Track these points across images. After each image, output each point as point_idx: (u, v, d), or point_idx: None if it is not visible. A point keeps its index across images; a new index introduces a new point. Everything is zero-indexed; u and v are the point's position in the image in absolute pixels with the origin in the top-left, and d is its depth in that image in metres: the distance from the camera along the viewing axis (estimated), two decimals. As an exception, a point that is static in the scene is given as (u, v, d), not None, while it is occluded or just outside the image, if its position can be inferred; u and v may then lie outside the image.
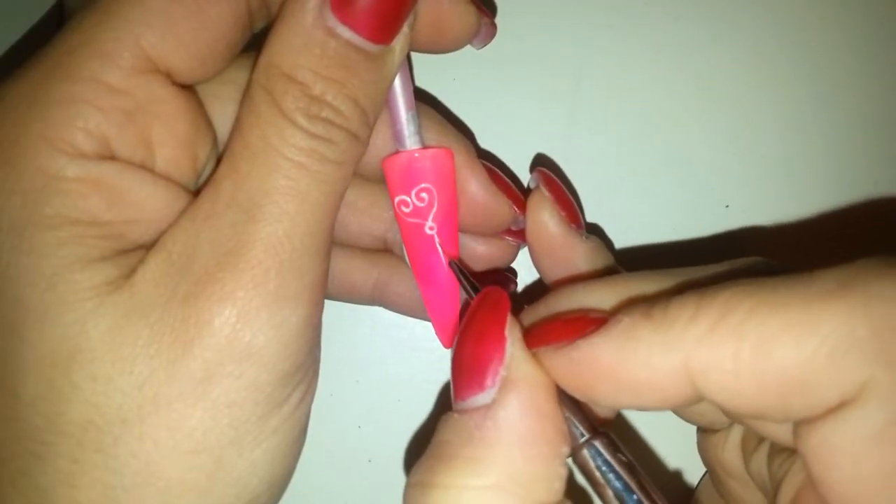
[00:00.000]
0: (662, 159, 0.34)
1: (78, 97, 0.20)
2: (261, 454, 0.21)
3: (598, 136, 0.34)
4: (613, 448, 0.20)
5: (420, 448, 0.34)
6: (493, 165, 0.28)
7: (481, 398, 0.19)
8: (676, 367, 0.18)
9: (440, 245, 0.26)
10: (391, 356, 0.35)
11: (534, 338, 0.21)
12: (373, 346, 0.35)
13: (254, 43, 0.22)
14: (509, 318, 0.20)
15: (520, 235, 0.29)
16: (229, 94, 0.23)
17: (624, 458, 0.20)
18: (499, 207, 0.27)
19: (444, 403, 0.35)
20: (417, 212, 0.25)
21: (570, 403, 0.21)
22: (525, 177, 0.34)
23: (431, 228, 0.26)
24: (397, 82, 0.24)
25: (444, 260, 0.26)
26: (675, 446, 0.34)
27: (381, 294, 0.29)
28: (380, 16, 0.20)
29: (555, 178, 0.27)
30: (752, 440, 0.23)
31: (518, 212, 0.28)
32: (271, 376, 0.21)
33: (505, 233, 0.29)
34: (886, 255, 0.18)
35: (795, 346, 0.16)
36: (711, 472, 0.26)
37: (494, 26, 0.26)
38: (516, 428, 0.19)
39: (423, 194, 0.25)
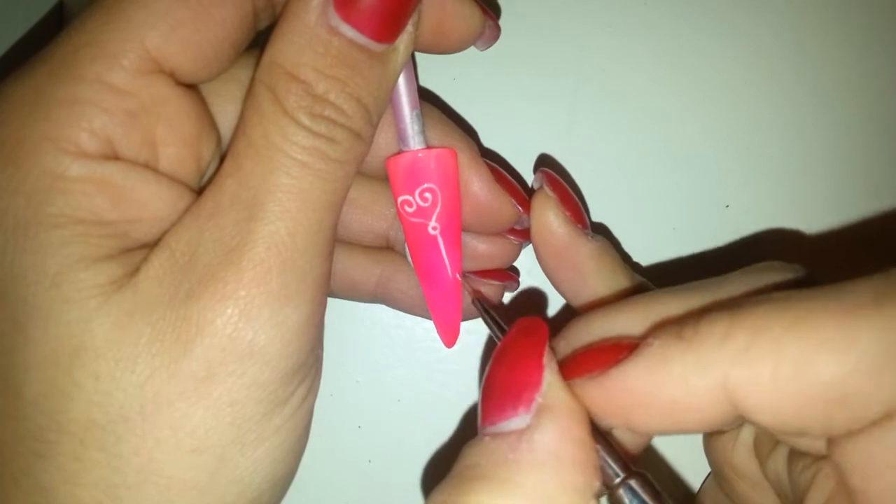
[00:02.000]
0: (662, 159, 0.34)
1: (82, 98, 0.20)
2: (263, 453, 0.21)
3: (598, 135, 0.34)
4: (650, 488, 0.20)
5: (418, 449, 0.34)
6: (496, 164, 0.28)
7: (515, 422, 0.19)
8: (713, 387, 0.18)
9: (443, 245, 0.26)
10: (391, 356, 0.35)
11: (567, 369, 0.20)
12: (373, 346, 0.35)
13: (258, 41, 0.22)
14: (547, 347, 0.20)
15: (523, 234, 0.29)
16: (233, 92, 0.23)
17: (661, 498, 0.20)
18: (502, 206, 0.27)
19: (445, 403, 0.35)
20: (421, 212, 0.25)
21: (604, 442, 0.20)
22: (526, 177, 0.34)
23: (435, 228, 0.26)
24: (401, 81, 0.24)
25: (446, 260, 0.26)
26: (679, 448, 0.34)
27: (383, 292, 0.29)
28: (383, 15, 0.20)
29: (559, 178, 0.27)
30: (767, 442, 0.23)
31: (522, 210, 0.27)
32: (273, 375, 0.21)
33: (508, 231, 0.28)
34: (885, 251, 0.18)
35: (836, 362, 0.16)
36: (718, 474, 0.26)
37: (498, 28, 0.27)
38: (552, 453, 0.19)
39: (427, 194, 0.25)
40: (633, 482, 0.20)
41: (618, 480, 0.20)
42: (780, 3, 0.34)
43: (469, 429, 0.35)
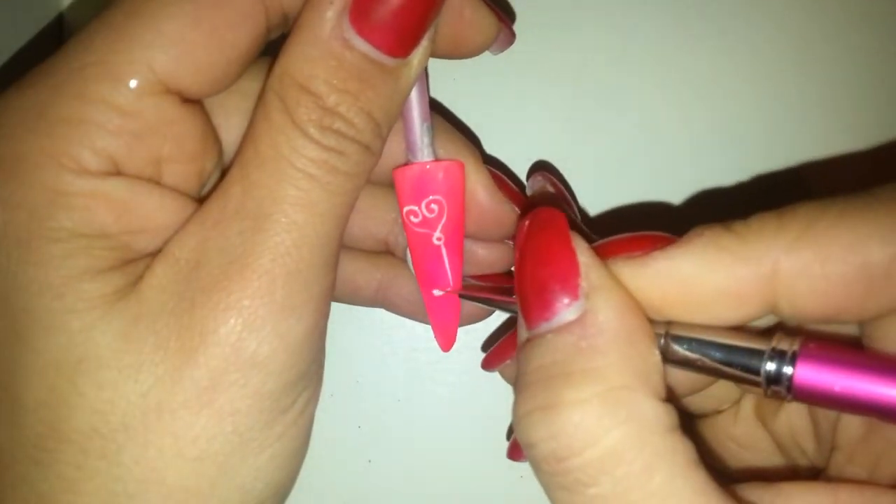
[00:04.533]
0: (663, 161, 0.34)
1: (87, 118, 0.19)
2: (265, 461, 0.21)
3: (598, 135, 0.34)
4: (690, 326, 0.20)
5: (418, 449, 0.34)
6: (498, 171, 0.28)
7: (568, 312, 0.19)
8: (762, 277, 0.18)
9: (446, 255, 0.26)
10: (391, 356, 0.35)
11: (601, 250, 0.20)
12: (373, 346, 0.35)
13: (265, 50, 0.22)
14: (571, 231, 0.20)
15: None
16: (237, 104, 0.23)
17: (707, 330, 0.20)
18: (505, 214, 0.27)
19: (445, 403, 0.35)
20: (426, 223, 0.26)
21: None
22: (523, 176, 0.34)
23: (439, 239, 0.26)
24: (413, 94, 0.24)
25: (448, 270, 0.26)
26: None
27: (383, 297, 0.29)
28: (399, 30, 0.20)
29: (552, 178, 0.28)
30: (770, 406, 0.24)
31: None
32: (276, 384, 0.21)
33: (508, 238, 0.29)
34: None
35: (883, 244, 0.17)
36: (720, 452, 0.26)
37: (513, 34, 0.26)
38: (620, 328, 0.18)
39: (433, 206, 0.25)
40: (676, 330, 0.20)
41: (662, 335, 0.20)
42: (780, 3, 0.33)
43: (469, 428, 0.35)
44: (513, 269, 0.29)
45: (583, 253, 0.19)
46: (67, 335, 0.19)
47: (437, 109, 0.28)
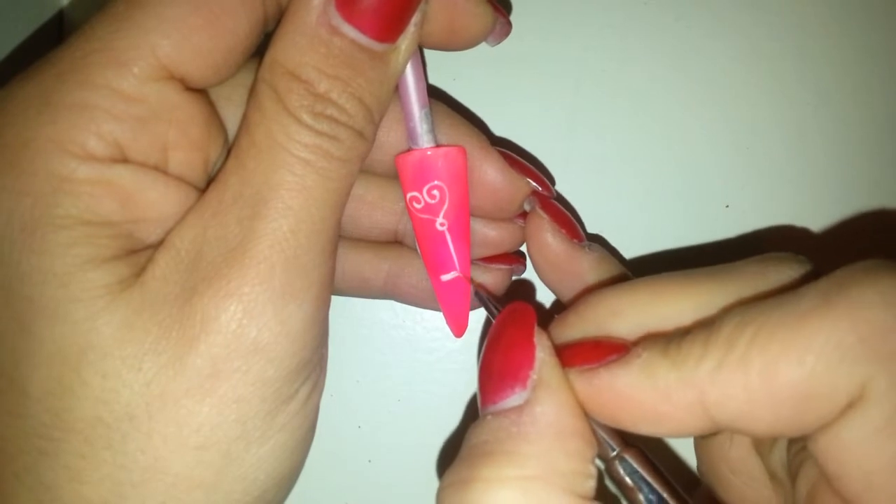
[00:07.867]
0: (662, 159, 0.34)
1: (91, 103, 0.20)
2: (268, 450, 0.21)
3: (599, 136, 0.34)
4: (645, 460, 0.21)
5: (418, 449, 0.34)
6: (508, 151, 0.28)
7: (514, 399, 0.20)
8: (693, 402, 0.19)
9: (451, 240, 0.26)
10: (391, 356, 0.35)
11: (563, 353, 0.21)
12: (373, 346, 0.35)
13: (265, 48, 0.23)
14: (536, 328, 0.21)
15: None
16: (242, 97, 0.23)
17: (656, 471, 0.21)
18: (519, 189, 0.28)
19: (445, 403, 0.35)
20: (429, 208, 0.26)
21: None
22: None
23: (443, 225, 0.26)
24: (410, 81, 0.24)
25: (454, 255, 0.27)
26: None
27: (393, 286, 0.29)
28: (385, 15, 0.21)
29: (549, 197, 0.28)
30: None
31: (539, 188, 0.28)
32: (278, 372, 0.21)
33: (518, 216, 0.29)
34: (867, 257, 0.19)
35: (796, 365, 0.18)
36: (712, 472, 0.26)
37: (509, 24, 0.27)
38: (552, 423, 0.20)
39: (435, 191, 0.26)
40: (628, 455, 0.21)
41: (613, 454, 0.21)
42: (780, 3, 0.34)
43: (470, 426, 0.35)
44: (522, 249, 0.30)
45: (542, 349, 0.21)
46: (71, 324, 0.19)
47: (449, 103, 0.28)
